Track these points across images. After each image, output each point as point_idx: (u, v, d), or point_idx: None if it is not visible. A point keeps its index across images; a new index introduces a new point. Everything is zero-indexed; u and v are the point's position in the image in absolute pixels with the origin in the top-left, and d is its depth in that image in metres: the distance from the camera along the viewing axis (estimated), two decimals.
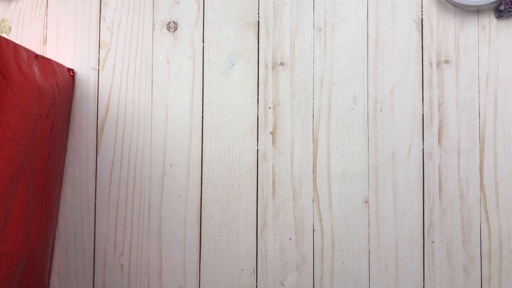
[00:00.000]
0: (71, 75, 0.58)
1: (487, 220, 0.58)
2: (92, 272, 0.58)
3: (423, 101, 0.58)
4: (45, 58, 0.51)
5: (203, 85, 0.59)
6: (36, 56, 0.48)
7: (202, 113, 0.59)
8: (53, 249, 0.57)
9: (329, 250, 0.58)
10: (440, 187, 0.58)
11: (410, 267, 0.58)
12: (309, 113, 0.59)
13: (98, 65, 0.60)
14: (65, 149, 0.58)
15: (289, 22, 0.59)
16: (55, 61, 0.54)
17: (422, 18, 0.58)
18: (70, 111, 0.59)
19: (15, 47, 0.43)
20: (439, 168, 0.58)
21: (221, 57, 0.59)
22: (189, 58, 0.60)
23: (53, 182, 0.54)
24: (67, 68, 0.58)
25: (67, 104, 0.58)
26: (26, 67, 0.45)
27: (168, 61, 0.60)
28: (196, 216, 0.59)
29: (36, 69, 0.48)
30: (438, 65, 0.58)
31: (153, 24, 0.60)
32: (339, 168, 0.58)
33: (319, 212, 0.59)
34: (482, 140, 0.58)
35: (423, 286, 0.58)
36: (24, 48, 0.45)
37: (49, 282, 0.57)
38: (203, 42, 0.60)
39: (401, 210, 0.58)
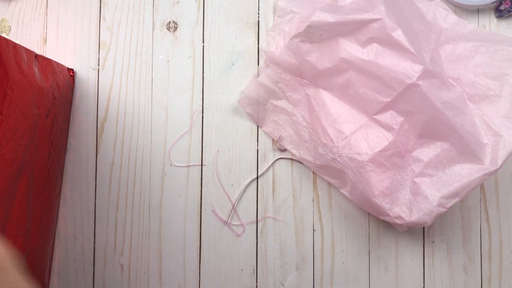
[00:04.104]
0: (71, 75, 0.58)
1: (487, 220, 0.58)
2: (92, 272, 0.58)
3: None
4: (45, 58, 0.51)
5: (203, 85, 0.59)
6: (36, 56, 0.48)
7: (202, 113, 0.59)
8: (53, 249, 0.57)
9: (329, 250, 0.58)
10: None
11: (410, 267, 0.58)
12: None
13: (98, 65, 0.60)
14: (65, 149, 0.58)
15: None
16: (55, 61, 0.54)
17: None
18: (70, 111, 0.59)
19: (15, 47, 0.43)
20: None
21: (221, 57, 0.59)
22: (189, 58, 0.59)
23: (53, 182, 0.54)
24: (67, 68, 0.57)
25: (67, 104, 0.57)
26: (26, 67, 0.45)
27: (168, 61, 0.60)
28: (196, 216, 0.59)
29: (36, 69, 0.48)
30: None
31: (153, 24, 0.60)
32: None
33: (319, 212, 0.59)
34: None
35: (423, 286, 0.58)
36: (24, 48, 0.45)
37: (49, 282, 0.57)
38: (203, 42, 0.60)
39: None
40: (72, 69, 0.59)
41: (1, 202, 0.42)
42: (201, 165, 0.59)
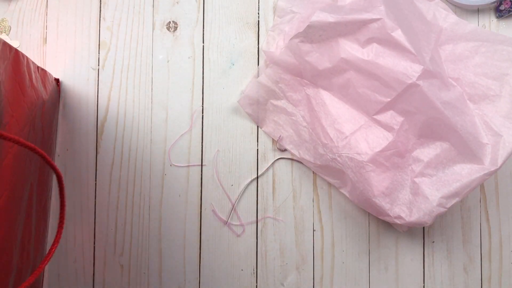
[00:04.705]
0: (57, 84, 0.58)
1: (487, 220, 0.58)
2: (92, 272, 0.58)
3: None
4: (43, 69, 0.50)
5: (203, 85, 0.59)
6: (38, 67, 0.48)
7: (202, 113, 0.59)
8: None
9: (329, 250, 0.58)
10: None
11: (410, 267, 0.58)
12: None
13: (98, 65, 0.60)
14: (53, 159, 0.57)
15: None
16: (48, 71, 0.53)
17: None
18: (57, 121, 0.58)
19: (27, 61, 0.43)
20: None
21: (221, 57, 0.59)
22: (189, 58, 0.60)
23: (47, 194, 0.54)
24: (54, 77, 0.57)
25: (55, 113, 0.57)
26: (34, 81, 0.45)
27: (168, 61, 0.60)
28: (196, 216, 0.59)
29: (39, 81, 0.47)
30: None
31: (153, 24, 0.60)
32: None
33: (319, 212, 0.59)
34: None
35: (423, 286, 0.58)
36: (31, 60, 0.45)
37: None
38: (203, 42, 0.60)
39: None
40: (58, 79, 0.58)
41: (20, 216, 0.41)
42: (201, 165, 0.59)
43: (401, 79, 0.49)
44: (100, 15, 0.60)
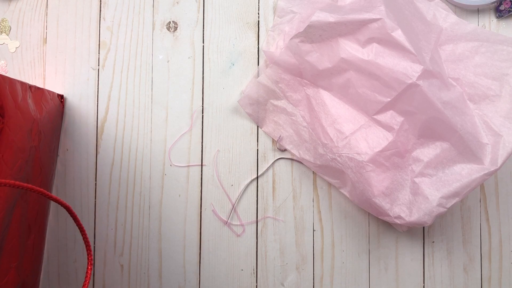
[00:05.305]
0: (61, 101, 0.58)
1: (487, 220, 0.58)
2: (92, 272, 0.58)
3: None
4: (38, 88, 0.50)
5: (203, 85, 0.59)
6: (30, 87, 0.48)
7: (202, 113, 0.59)
8: (39, 280, 0.56)
9: (329, 250, 0.58)
10: None
11: (410, 267, 0.58)
12: None
13: (98, 65, 0.60)
14: (54, 175, 0.57)
15: None
16: (46, 90, 0.53)
17: None
18: (59, 138, 0.58)
19: (11, 82, 0.43)
20: None
21: (221, 57, 0.59)
22: (189, 58, 0.60)
23: (44, 211, 0.54)
24: (57, 94, 0.57)
25: (57, 130, 0.57)
26: (21, 101, 0.44)
27: (168, 61, 0.60)
28: (196, 216, 0.59)
29: (30, 101, 0.47)
30: None
31: (153, 24, 0.60)
32: None
33: (319, 212, 0.59)
34: None
35: (423, 286, 0.58)
36: (18, 81, 0.44)
37: None
38: (203, 42, 0.60)
39: None
40: (62, 95, 0.58)
41: None
42: (201, 165, 0.59)
43: (401, 79, 0.49)
44: (100, 15, 0.60)
